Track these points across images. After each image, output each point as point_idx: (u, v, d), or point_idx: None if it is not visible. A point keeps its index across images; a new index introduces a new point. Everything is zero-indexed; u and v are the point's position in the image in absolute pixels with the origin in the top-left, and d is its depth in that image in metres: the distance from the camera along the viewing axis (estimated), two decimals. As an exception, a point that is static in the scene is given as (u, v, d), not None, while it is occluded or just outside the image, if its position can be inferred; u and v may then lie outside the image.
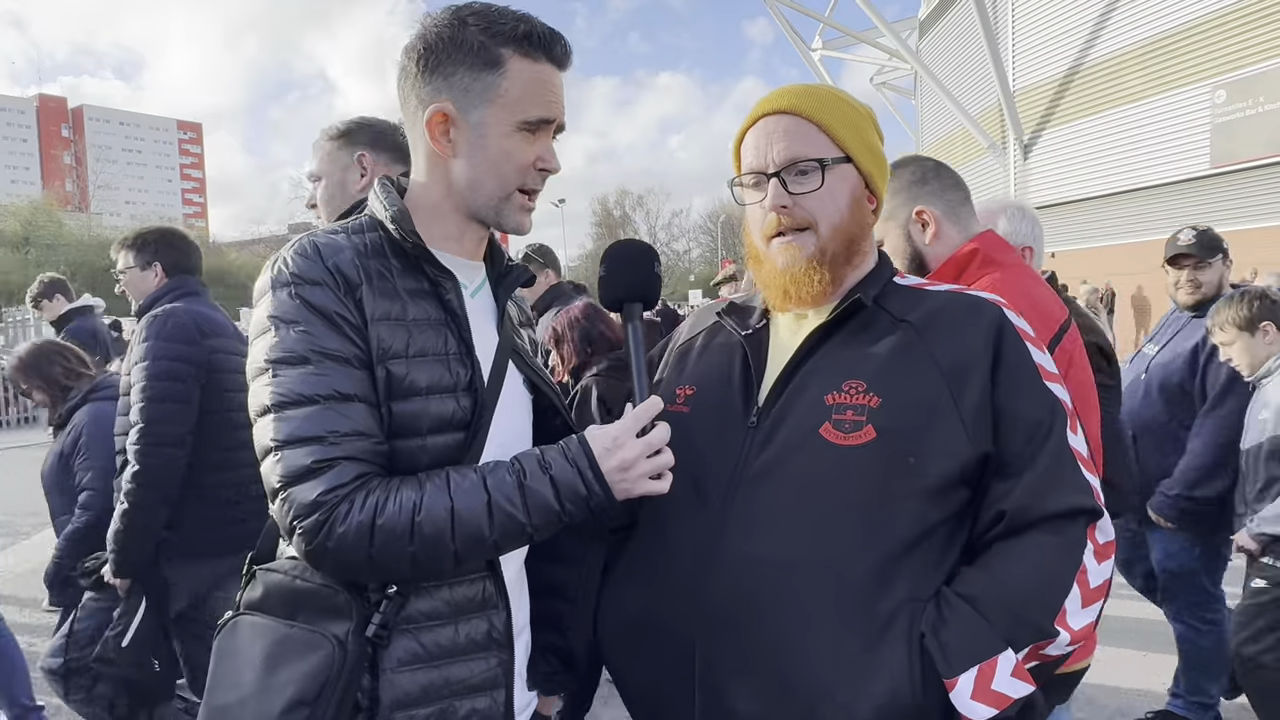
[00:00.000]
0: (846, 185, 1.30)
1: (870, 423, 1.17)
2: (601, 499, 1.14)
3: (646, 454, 1.15)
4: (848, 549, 1.14)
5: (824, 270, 1.29)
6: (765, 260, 1.34)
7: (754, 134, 1.33)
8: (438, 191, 1.24)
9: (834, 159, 1.28)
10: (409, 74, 1.21)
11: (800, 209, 1.28)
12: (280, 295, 1.12)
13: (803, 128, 1.29)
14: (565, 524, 1.15)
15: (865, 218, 1.33)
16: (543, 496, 1.12)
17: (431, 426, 1.16)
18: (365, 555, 1.06)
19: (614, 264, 1.32)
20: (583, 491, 1.13)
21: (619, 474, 1.14)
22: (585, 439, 1.16)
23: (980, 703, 1.06)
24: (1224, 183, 15.86)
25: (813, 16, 27.41)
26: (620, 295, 1.30)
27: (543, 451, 1.16)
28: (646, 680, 1.29)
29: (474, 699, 1.19)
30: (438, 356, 1.18)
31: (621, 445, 1.15)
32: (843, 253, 1.30)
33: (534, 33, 1.19)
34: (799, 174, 1.28)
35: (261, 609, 1.16)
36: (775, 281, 1.32)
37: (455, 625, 1.19)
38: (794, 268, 1.29)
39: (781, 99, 1.32)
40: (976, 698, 1.06)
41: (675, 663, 1.21)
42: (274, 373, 1.10)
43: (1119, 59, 17.82)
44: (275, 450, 1.08)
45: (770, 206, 1.30)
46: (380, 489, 1.08)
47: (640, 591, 1.29)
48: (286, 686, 1.08)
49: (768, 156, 1.30)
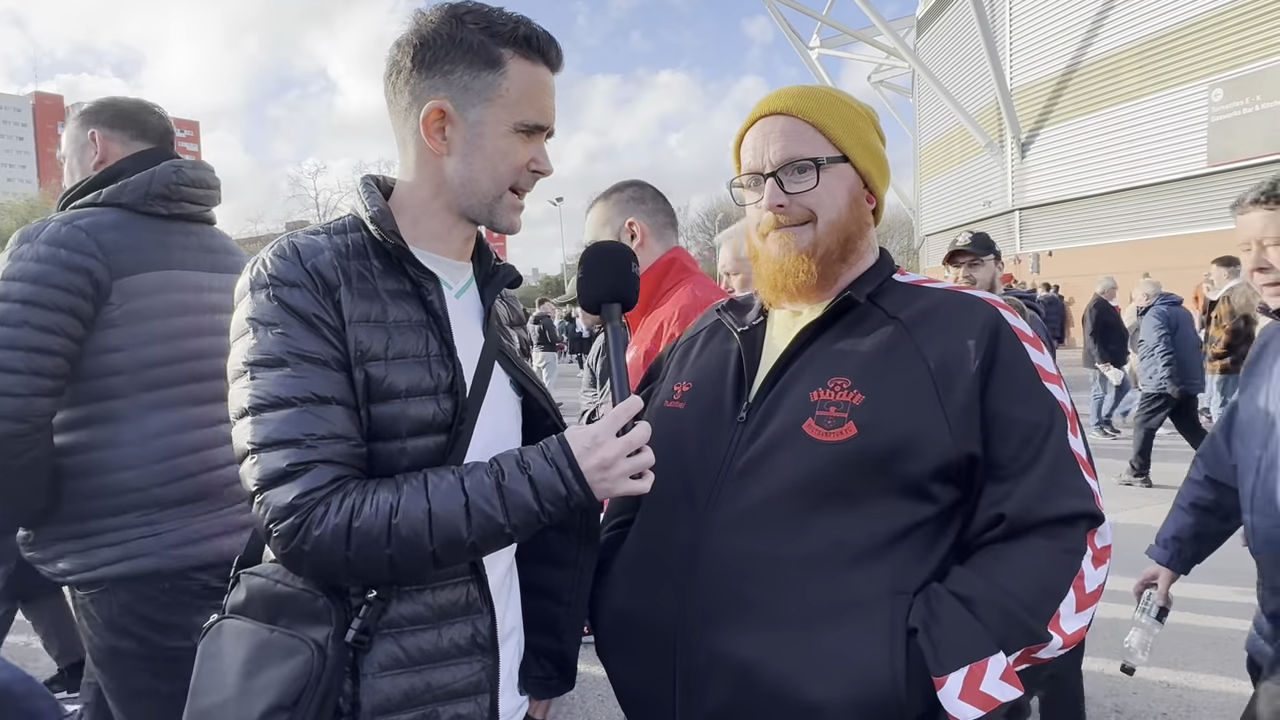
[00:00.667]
0: (844, 184, 1.30)
1: (852, 419, 1.17)
2: (581, 498, 1.13)
3: (626, 453, 1.14)
4: (828, 544, 1.14)
5: (812, 263, 1.28)
6: (761, 254, 1.35)
7: (752, 135, 1.34)
8: (427, 189, 1.23)
9: (829, 158, 1.28)
10: (402, 69, 1.19)
11: (798, 206, 1.29)
12: (259, 297, 1.11)
13: (799, 128, 1.29)
14: (545, 524, 1.14)
15: (863, 216, 1.33)
16: (521, 496, 1.11)
17: (411, 429, 1.14)
18: (342, 558, 1.05)
19: (591, 265, 1.31)
20: (562, 491, 1.12)
21: (599, 473, 1.13)
22: (564, 439, 1.15)
23: (968, 703, 1.06)
24: (1221, 181, 15.88)
25: (811, 15, 27.43)
26: (598, 296, 1.29)
27: (521, 452, 1.15)
28: (634, 674, 1.29)
29: (457, 704, 1.18)
30: (418, 358, 1.16)
31: (601, 444, 1.14)
32: (837, 249, 1.29)
33: (533, 35, 1.19)
34: (796, 172, 1.28)
35: (244, 613, 1.16)
36: (766, 272, 1.33)
37: (438, 629, 1.17)
38: (784, 257, 1.30)
39: (778, 101, 1.32)
40: (965, 698, 1.06)
41: (659, 656, 1.21)
42: (252, 375, 1.09)
43: (1116, 57, 17.85)
44: (252, 453, 1.07)
45: (766, 206, 1.30)
46: (356, 491, 1.07)
47: (629, 587, 1.29)
48: (266, 691, 1.07)
49: (764, 157, 1.30)
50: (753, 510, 1.19)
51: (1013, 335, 1.22)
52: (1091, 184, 18.66)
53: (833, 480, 1.16)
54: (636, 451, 1.15)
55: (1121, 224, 17.92)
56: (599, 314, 1.29)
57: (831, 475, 1.16)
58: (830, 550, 1.14)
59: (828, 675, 1.09)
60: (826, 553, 1.14)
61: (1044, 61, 19.75)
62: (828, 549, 1.14)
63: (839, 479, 1.15)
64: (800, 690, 1.10)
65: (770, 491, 1.18)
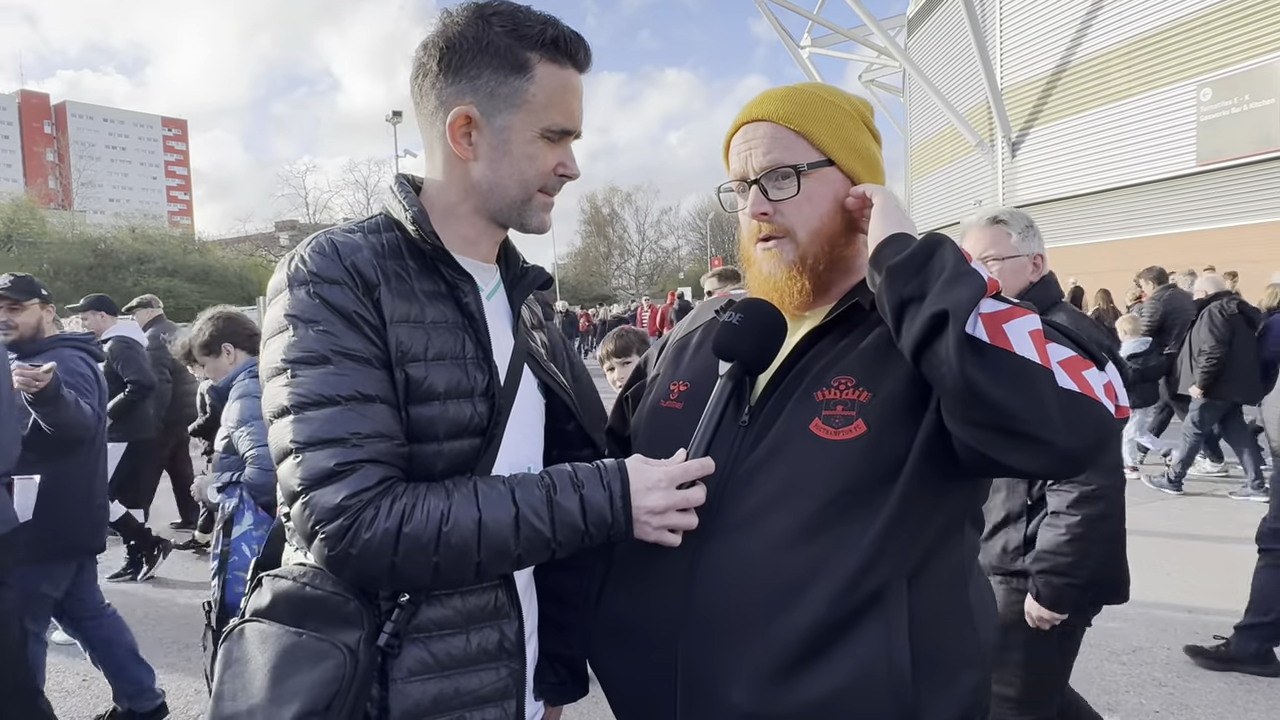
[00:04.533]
0: (828, 189, 1.28)
1: (860, 417, 1.16)
2: (622, 531, 1.13)
3: (678, 508, 1.14)
4: (836, 545, 1.14)
5: (804, 278, 1.28)
6: (753, 265, 1.35)
7: (736, 141, 1.34)
8: (455, 193, 1.22)
9: (811, 163, 1.27)
10: (429, 72, 1.17)
11: (780, 215, 1.28)
12: (298, 293, 1.09)
13: (781, 134, 1.28)
14: (586, 545, 1.14)
15: (852, 218, 1.31)
16: (570, 514, 1.10)
17: (448, 432, 1.13)
18: (388, 563, 1.04)
19: (756, 324, 1.27)
20: (608, 518, 1.12)
21: (646, 515, 1.13)
22: (626, 468, 1.15)
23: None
24: (1210, 180, 15.97)
25: (802, 14, 27.40)
26: (740, 351, 1.25)
27: (575, 469, 1.14)
28: (630, 682, 1.28)
29: (485, 709, 1.18)
30: (456, 360, 1.15)
31: (660, 490, 1.13)
32: (824, 257, 1.29)
33: (561, 37, 1.17)
34: (779, 179, 1.28)
35: (269, 616, 1.13)
36: (761, 289, 1.33)
37: (467, 634, 1.17)
38: (776, 275, 1.30)
39: (761, 106, 1.32)
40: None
41: (659, 663, 1.20)
42: (293, 373, 1.07)
43: (1106, 57, 17.92)
44: (295, 452, 1.05)
45: (751, 214, 1.30)
46: (406, 495, 1.06)
47: (626, 593, 1.28)
48: (296, 696, 1.05)
49: (749, 164, 1.30)
50: (758, 513, 1.18)
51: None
52: (1081, 183, 18.72)
53: (842, 479, 1.15)
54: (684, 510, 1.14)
55: (1111, 223, 17.99)
56: (725, 358, 1.26)
57: (841, 474, 1.15)
58: (839, 551, 1.13)
59: (830, 671, 1.09)
60: (835, 553, 1.13)
61: (1034, 61, 19.80)
62: (836, 550, 1.13)
63: (848, 477, 1.15)
64: (803, 687, 1.10)
65: (777, 493, 1.18)
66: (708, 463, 1.17)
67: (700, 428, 1.20)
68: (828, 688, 1.09)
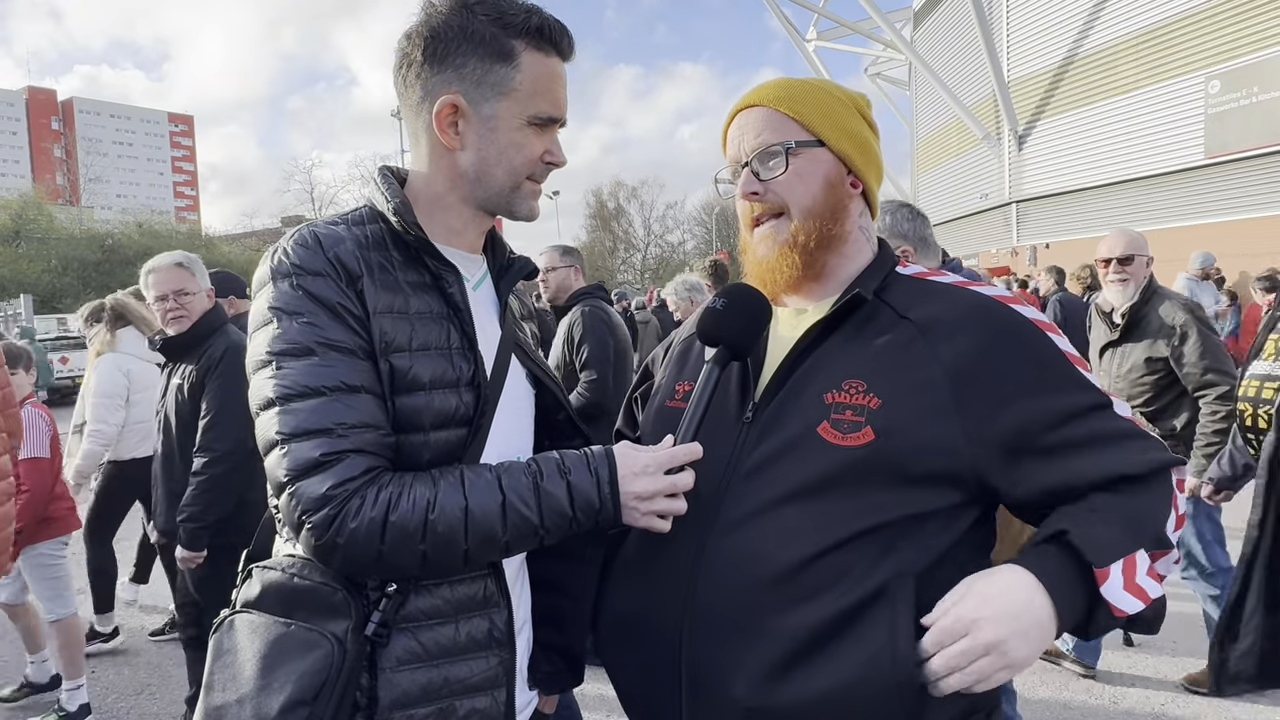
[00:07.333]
0: (818, 168, 1.29)
1: (869, 424, 1.15)
2: (610, 517, 1.13)
3: (666, 493, 1.14)
4: (841, 545, 1.13)
5: (796, 255, 1.28)
6: (750, 252, 1.35)
7: (732, 130, 1.35)
8: (442, 183, 1.22)
9: (800, 142, 1.28)
10: (413, 62, 1.18)
11: (771, 193, 1.29)
12: (281, 286, 1.10)
13: (773, 118, 1.30)
14: (574, 532, 1.14)
15: (842, 200, 1.31)
16: (557, 500, 1.11)
17: (434, 422, 1.14)
18: (375, 552, 1.05)
19: (739, 309, 1.27)
20: (595, 504, 1.12)
21: (634, 500, 1.14)
22: (613, 454, 1.15)
23: (1130, 595, 1.08)
24: (1218, 173, 15.86)
25: (807, 8, 27.31)
26: (724, 337, 1.25)
27: (562, 456, 1.15)
28: (636, 676, 1.28)
29: (474, 698, 1.18)
30: (440, 351, 1.16)
31: (648, 475, 1.14)
32: (818, 236, 1.29)
33: (545, 25, 1.17)
34: (768, 159, 1.29)
35: (258, 607, 1.15)
36: (755, 272, 1.34)
37: (456, 624, 1.17)
38: (769, 257, 1.30)
39: (755, 94, 1.34)
40: (1128, 589, 1.08)
41: (664, 658, 1.20)
42: (278, 364, 1.08)
43: (1113, 49, 17.80)
44: (281, 443, 1.06)
45: (741, 194, 1.32)
46: (392, 484, 1.07)
47: (630, 589, 1.28)
48: (285, 685, 1.06)
49: (741, 148, 1.32)
50: (761, 511, 1.17)
51: (1034, 329, 1.21)
52: (1088, 176, 18.61)
53: (845, 484, 1.15)
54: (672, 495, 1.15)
55: (1118, 216, 17.87)
56: (713, 346, 1.26)
57: (844, 479, 1.14)
58: (844, 554, 1.13)
59: (833, 666, 1.09)
60: (841, 556, 1.13)
61: (1041, 54, 19.68)
62: (842, 553, 1.13)
63: (852, 483, 1.14)
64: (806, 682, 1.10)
65: (780, 493, 1.17)
66: (695, 448, 1.17)
67: (687, 414, 1.20)
68: (831, 682, 1.08)
